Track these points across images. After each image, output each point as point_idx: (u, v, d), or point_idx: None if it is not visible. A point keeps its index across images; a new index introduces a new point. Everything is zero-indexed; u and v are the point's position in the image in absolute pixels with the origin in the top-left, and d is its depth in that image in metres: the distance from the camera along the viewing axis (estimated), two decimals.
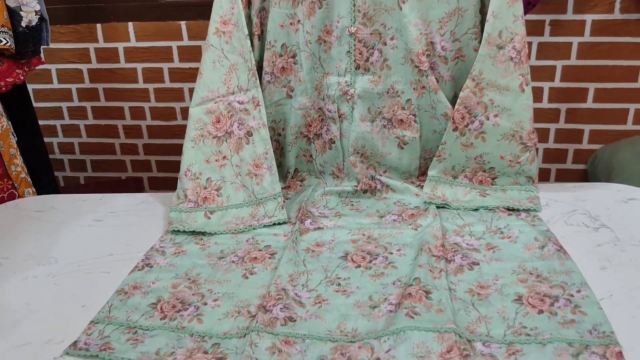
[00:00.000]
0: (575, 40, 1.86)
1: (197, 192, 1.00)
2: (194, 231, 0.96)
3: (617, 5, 1.82)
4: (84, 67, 2.02)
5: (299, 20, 1.04)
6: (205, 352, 0.67)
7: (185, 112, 2.05)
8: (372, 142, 1.08)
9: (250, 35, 1.05)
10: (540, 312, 0.71)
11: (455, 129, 1.02)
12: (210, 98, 1.02)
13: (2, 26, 1.11)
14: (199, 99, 1.02)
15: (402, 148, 1.08)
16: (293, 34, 1.05)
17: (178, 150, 1.24)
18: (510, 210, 0.98)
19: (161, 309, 0.76)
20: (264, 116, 1.02)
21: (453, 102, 1.04)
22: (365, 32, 1.03)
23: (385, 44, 1.04)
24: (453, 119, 1.01)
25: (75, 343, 0.70)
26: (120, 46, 1.96)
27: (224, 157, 1.01)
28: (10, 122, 1.28)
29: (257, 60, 1.07)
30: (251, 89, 1.01)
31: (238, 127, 1.01)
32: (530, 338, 0.66)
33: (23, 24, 1.16)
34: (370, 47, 1.04)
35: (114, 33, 1.95)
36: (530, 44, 1.86)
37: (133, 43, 1.95)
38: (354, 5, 1.01)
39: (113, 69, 2.01)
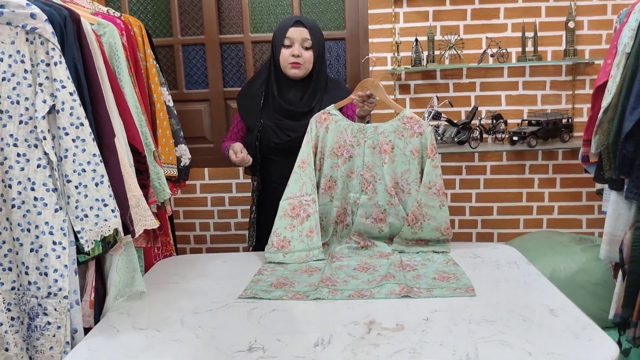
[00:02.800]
0: (481, 177, 3.01)
1: (279, 244, 1.93)
2: (278, 262, 1.89)
3: (504, 156, 2.99)
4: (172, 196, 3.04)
5: (338, 165, 2.03)
6: (299, 294, 1.52)
7: (238, 225, 3.10)
8: (366, 227, 2.04)
9: (315, 168, 2.04)
10: (442, 280, 1.60)
11: (408, 225, 1.96)
12: (291, 197, 1.94)
13: (173, 164, 2.11)
14: (286, 197, 1.94)
15: (380, 233, 2.04)
16: (336, 171, 2.01)
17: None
18: (433, 252, 1.93)
19: (274, 285, 1.63)
20: (317, 208, 1.97)
21: (407, 211, 2.04)
22: (367, 175, 2.01)
23: (375, 181, 2.02)
24: (407, 220, 1.97)
25: (241, 295, 1.56)
26: (198, 183, 3.02)
27: (294, 227, 1.96)
28: None
29: (317, 181, 1.99)
30: (312, 194, 1.96)
31: (303, 212, 1.98)
32: (436, 286, 1.56)
33: (182, 164, 2.16)
34: (369, 182, 2.04)
35: (194, 174, 3.01)
36: (454, 180, 2.99)
37: (207, 181, 3.02)
38: (364, 162, 2.00)
39: (190, 197, 3.05)
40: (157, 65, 2.13)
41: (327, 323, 1.36)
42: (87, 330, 1.41)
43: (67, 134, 1.35)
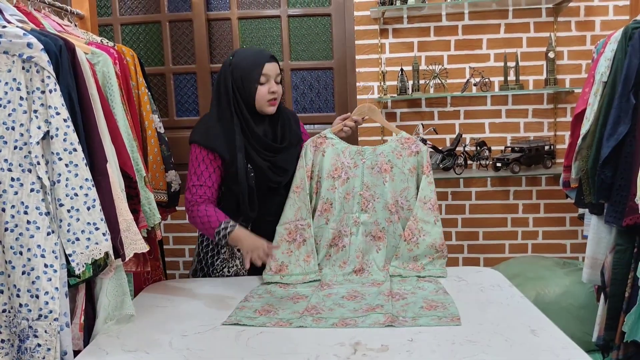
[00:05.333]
0: (467, 203, 3.06)
1: (276, 268, 1.94)
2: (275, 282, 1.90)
3: (489, 182, 3.05)
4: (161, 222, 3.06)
5: (335, 187, 2.03)
6: (282, 321, 1.52)
7: None
8: (364, 247, 2.07)
9: (311, 192, 2.01)
10: (429, 309, 1.61)
11: (405, 240, 2.00)
12: (287, 222, 1.96)
13: (163, 190, 2.14)
14: (282, 222, 1.96)
15: (378, 252, 2.07)
16: (332, 193, 2.01)
17: None
18: (427, 277, 1.97)
19: (259, 312, 1.62)
20: (312, 232, 1.98)
21: (403, 227, 2.07)
22: (366, 194, 2.04)
23: (374, 200, 2.05)
24: (404, 236, 2.00)
25: (225, 321, 1.56)
26: None
27: (291, 252, 1.98)
28: None
29: (314, 205, 2.00)
30: (307, 219, 1.97)
31: (299, 237, 1.99)
32: (422, 315, 1.57)
33: (172, 190, 2.19)
34: (368, 201, 2.07)
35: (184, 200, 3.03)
36: (440, 205, 3.03)
37: None
38: (363, 182, 2.03)
39: (180, 224, 3.07)
40: (149, 93, 2.18)
41: (313, 344, 1.38)
42: (76, 353, 1.41)
43: (60, 159, 1.38)
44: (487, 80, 2.84)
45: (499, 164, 2.78)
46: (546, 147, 2.83)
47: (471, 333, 1.40)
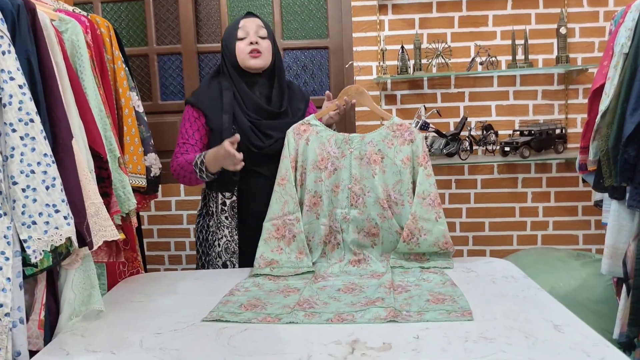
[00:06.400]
0: (472, 191, 2.91)
1: (266, 264, 1.79)
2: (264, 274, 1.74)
3: (496, 169, 2.90)
4: (145, 214, 2.90)
5: (321, 179, 1.89)
6: (271, 317, 1.37)
7: None
8: (359, 243, 1.92)
9: (296, 185, 1.89)
10: (437, 303, 1.47)
11: (404, 241, 1.84)
12: (274, 217, 1.82)
13: (141, 174, 1.97)
14: (268, 218, 1.83)
15: (373, 247, 1.93)
16: (320, 185, 1.87)
17: None
18: (432, 268, 1.81)
19: (244, 306, 1.47)
20: (302, 227, 1.84)
21: (401, 224, 1.91)
22: (356, 188, 1.89)
23: (364, 194, 1.90)
24: (403, 237, 1.84)
25: (205, 317, 1.40)
26: (173, 199, 2.87)
27: (281, 249, 1.83)
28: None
29: (300, 198, 1.86)
30: (295, 212, 1.84)
31: (288, 232, 1.84)
32: (429, 309, 1.42)
33: (152, 174, 2.03)
34: (358, 195, 1.92)
35: (169, 190, 2.88)
36: (443, 194, 2.88)
37: (182, 197, 2.87)
38: (351, 174, 1.87)
39: (165, 215, 2.91)
40: (127, 68, 2.02)
41: (305, 343, 1.23)
42: (33, 353, 1.26)
43: (14, 130, 1.23)
44: (493, 59, 2.68)
45: (507, 149, 2.63)
46: (557, 131, 2.68)
47: (486, 329, 1.25)
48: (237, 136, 1.71)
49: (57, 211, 1.28)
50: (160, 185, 2.12)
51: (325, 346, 1.19)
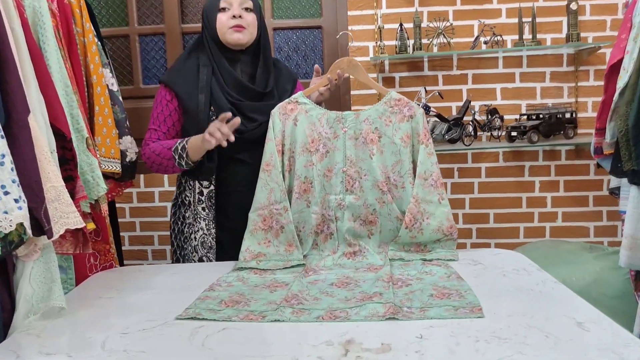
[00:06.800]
0: (476, 180, 2.76)
1: (252, 258, 1.65)
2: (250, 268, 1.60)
3: (501, 157, 2.75)
4: (126, 205, 2.76)
5: (312, 163, 1.76)
6: (254, 314, 1.23)
7: None
8: (354, 232, 1.78)
9: (283, 171, 1.77)
10: (442, 298, 1.34)
11: (406, 228, 1.71)
12: (259, 207, 1.69)
13: (115, 158, 1.82)
14: (254, 208, 1.69)
15: (370, 238, 1.78)
16: (310, 170, 1.75)
17: None
18: (435, 260, 1.67)
19: (225, 303, 1.32)
20: (291, 217, 1.70)
21: (402, 209, 1.77)
22: (351, 171, 1.75)
23: (361, 178, 1.76)
24: (405, 223, 1.72)
25: (180, 315, 1.24)
26: (156, 190, 2.72)
27: (269, 241, 1.69)
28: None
29: (288, 185, 1.74)
30: (282, 202, 1.69)
31: (276, 224, 1.70)
32: (433, 305, 1.28)
33: (127, 159, 1.88)
34: (354, 179, 1.78)
35: (151, 180, 2.72)
36: (445, 184, 2.73)
37: (166, 187, 2.72)
38: (345, 156, 1.75)
39: (148, 207, 2.75)
40: (100, 43, 1.87)
41: (291, 344, 1.09)
42: None
43: None
44: (499, 37, 2.53)
45: (514, 133, 2.48)
46: (567, 115, 2.53)
47: (499, 327, 1.10)
48: (229, 114, 1.58)
49: (6, 193, 1.13)
50: (142, 175, 1.97)
51: (314, 347, 1.05)
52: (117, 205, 2.80)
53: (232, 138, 1.59)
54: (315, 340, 1.07)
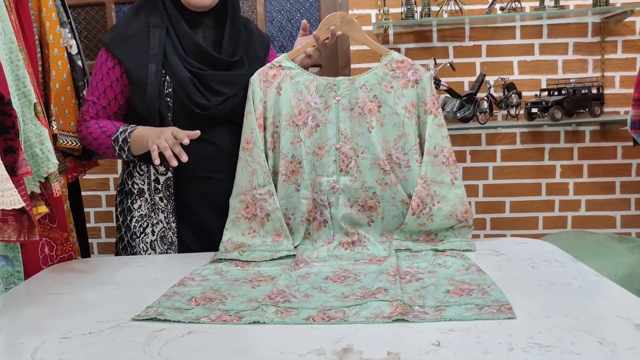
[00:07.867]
0: (490, 165, 2.56)
1: (235, 249, 1.45)
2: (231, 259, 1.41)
3: (518, 139, 2.55)
4: (102, 193, 2.57)
5: (300, 140, 1.57)
6: (229, 314, 1.05)
7: None
8: (352, 219, 1.59)
9: (266, 149, 1.57)
10: (461, 295, 1.15)
11: (414, 214, 1.52)
12: (241, 192, 1.51)
13: (74, 132, 1.62)
14: (235, 194, 1.51)
15: (370, 225, 1.59)
16: (298, 148, 1.56)
17: None
18: (449, 251, 1.47)
19: (195, 300, 1.15)
20: (277, 203, 1.50)
21: (408, 192, 1.58)
22: (346, 148, 1.57)
23: (357, 156, 1.58)
24: (412, 207, 1.53)
25: (138, 315, 1.04)
26: None
27: (254, 231, 1.49)
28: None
29: (272, 165, 1.56)
30: (266, 185, 1.50)
31: (260, 211, 1.50)
32: (451, 303, 1.10)
33: None
34: (349, 158, 1.59)
35: None
36: None
37: None
38: (339, 130, 1.57)
39: None
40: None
41: (272, 352, 0.88)
42: None
43: None
44: (517, 3, 2.32)
45: (534, 110, 2.29)
46: (594, 90, 2.34)
47: (537, 331, 0.90)
48: (198, 132, 1.40)
49: None
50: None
51: (301, 357, 0.84)
52: (92, 193, 2.61)
53: (185, 159, 1.38)
54: (303, 348, 0.87)
